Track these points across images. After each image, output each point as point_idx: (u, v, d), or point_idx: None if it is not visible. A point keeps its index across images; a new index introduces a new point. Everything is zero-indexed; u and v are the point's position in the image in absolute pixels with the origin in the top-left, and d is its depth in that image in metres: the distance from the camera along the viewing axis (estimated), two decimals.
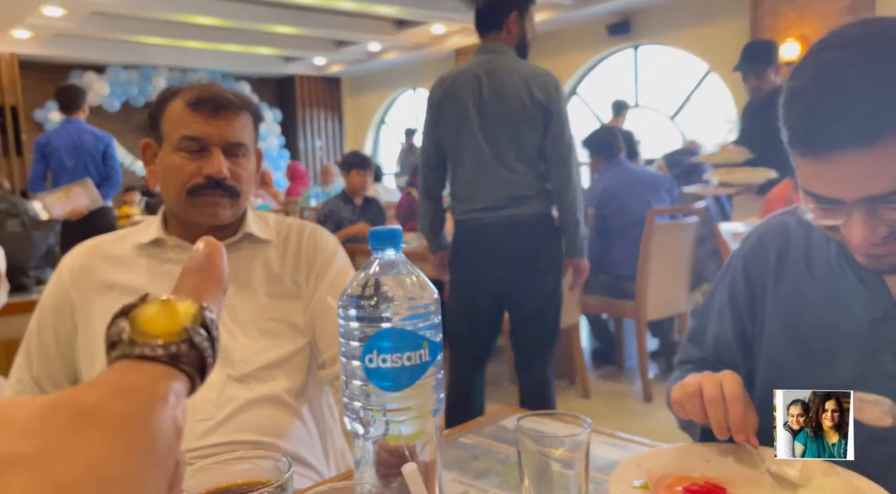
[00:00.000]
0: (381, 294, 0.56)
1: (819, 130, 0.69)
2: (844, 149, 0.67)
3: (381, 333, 0.55)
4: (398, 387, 0.55)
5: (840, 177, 0.69)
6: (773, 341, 0.89)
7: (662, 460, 0.75)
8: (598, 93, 7.88)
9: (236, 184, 1.04)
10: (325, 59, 9.46)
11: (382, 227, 0.58)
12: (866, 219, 0.70)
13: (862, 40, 0.69)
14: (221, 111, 1.02)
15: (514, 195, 2.11)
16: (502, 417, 0.99)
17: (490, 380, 3.55)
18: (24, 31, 6.96)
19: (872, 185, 0.68)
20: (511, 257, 2.14)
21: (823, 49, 0.71)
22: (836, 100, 0.68)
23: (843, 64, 0.68)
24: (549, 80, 2.10)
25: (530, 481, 0.66)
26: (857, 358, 0.80)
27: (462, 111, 2.12)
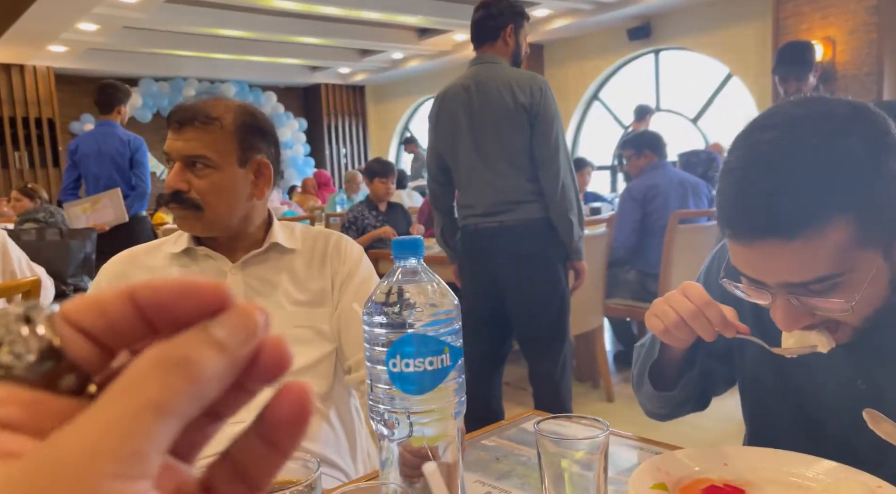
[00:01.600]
0: (403, 301, 0.59)
1: (741, 217, 0.69)
2: (764, 238, 0.67)
3: (404, 339, 0.58)
4: (421, 391, 0.58)
5: (761, 263, 0.70)
6: (758, 365, 0.89)
7: (681, 462, 0.77)
8: (620, 98, 7.85)
9: (197, 198, 1.04)
10: (350, 67, 9.58)
11: (405, 237, 0.61)
12: (787, 305, 0.70)
13: (796, 125, 0.67)
14: (185, 125, 1.04)
15: (505, 200, 2.15)
16: (524, 420, 1.01)
17: (510, 383, 3.56)
18: (59, 46, 7.19)
19: (792, 274, 0.68)
20: (505, 262, 2.18)
21: (760, 128, 0.70)
22: (760, 190, 0.67)
23: (771, 148, 0.67)
24: (533, 82, 2.13)
25: (550, 483, 0.68)
26: (836, 383, 0.81)
27: (454, 122, 2.19)
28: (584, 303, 3.07)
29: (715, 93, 7.03)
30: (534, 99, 2.10)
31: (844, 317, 0.71)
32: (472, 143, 2.17)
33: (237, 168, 1.07)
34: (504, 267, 2.19)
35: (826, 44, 5.59)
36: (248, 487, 0.23)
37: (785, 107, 0.71)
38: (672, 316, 0.77)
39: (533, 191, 2.14)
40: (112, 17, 6.24)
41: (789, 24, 5.86)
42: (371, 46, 8.39)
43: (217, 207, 1.06)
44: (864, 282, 0.67)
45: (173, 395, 0.18)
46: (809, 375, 0.83)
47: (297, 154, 10.08)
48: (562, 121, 2.18)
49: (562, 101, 8.18)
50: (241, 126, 1.07)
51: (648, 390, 0.90)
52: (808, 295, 0.68)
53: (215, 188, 1.05)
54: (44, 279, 1.80)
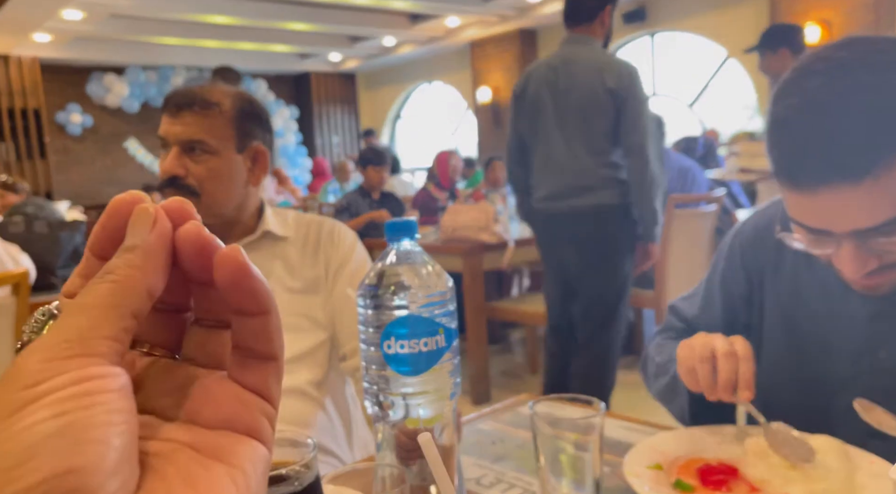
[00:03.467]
0: (397, 282, 0.58)
1: (804, 166, 0.67)
2: (830, 184, 0.66)
3: (398, 320, 0.57)
4: (416, 372, 0.57)
5: (828, 211, 0.68)
6: (772, 333, 0.89)
7: (676, 442, 0.77)
8: None
9: (194, 184, 1.03)
10: (341, 54, 9.50)
11: (398, 219, 0.61)
12: (856, 251, 0.69)
13: (844, 66, 0.66)
14: (183, 109, 1.03)
15: (578, 184, 2.18)
16: (519, 404, 1.01)
17: (508, 372, 3.58)
18: (44, 35, 7.08)
19: (861, 219, 0.66)
20: (572, 246, 2.26)
21: (806, 75, 0.68)
22: (820, 135, 0.66)
23: (826, 93, 0.66)
24: (624, 68, 2.14)
25: (546, 463, 0.68)
26: (854, 353, 0.80)
27: (538, 102, 2.21)
28: None
29: (712, 76, 7.01)
30: (623, 84, 2.11)
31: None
32: (554, 125, 2.19)
33: (235, 154, 1.06)
34: (571, 251, 2.27)
35: (823, 25, 5.59)
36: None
37: (826, 51, 0.69)
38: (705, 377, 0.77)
39: (608, 176, 2.17)
40: (98, 5, 6.15)
41: (785, 6, 5.84)
42: (362, 32, 8.31)
43: (214, 193, 1.05)
44: None
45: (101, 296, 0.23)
46: (823, 347, 0.83)
47: (288, 143, 10.01)
48: (650, 109, 2.20)
49: None
50: (240, 112, 1.06)
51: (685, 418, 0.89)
52: (879, 237, 0.67)
53: (213, 174, 1.04)
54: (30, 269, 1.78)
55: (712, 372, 0.75)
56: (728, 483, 0.67)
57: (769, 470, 0.68)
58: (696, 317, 0.97)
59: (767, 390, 0.92)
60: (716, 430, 0.80)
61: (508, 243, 3.04)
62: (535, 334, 3.57)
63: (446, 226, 3.12)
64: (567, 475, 0.67)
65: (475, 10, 7.38)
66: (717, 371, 0.75)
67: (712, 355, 0.75)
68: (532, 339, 3.57)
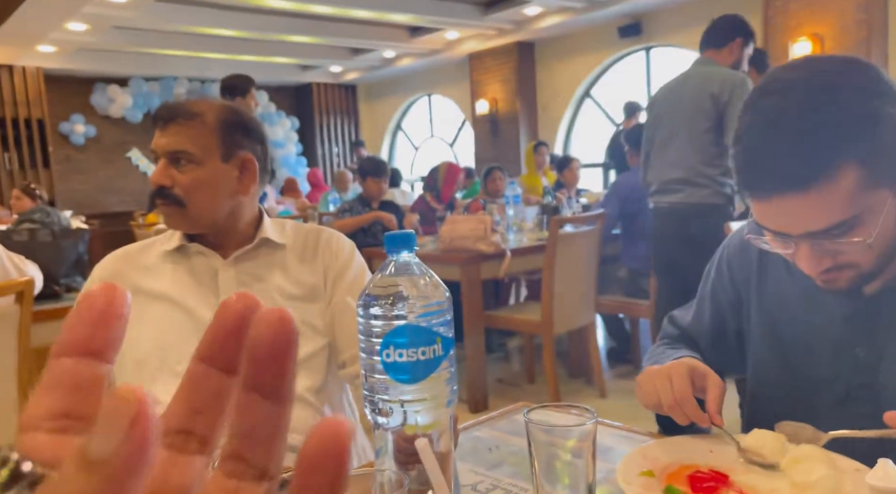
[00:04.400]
0: (396, 293, 0.60)
1: (756, 178, 0.75)
2: (781, 193, 0.73)
3: (397, 330, 0.59)
4: (414, 380, 0.59)
5: (782, 216, 0.75)
6: (758, 339, 0.94)
7: (667, 450, 0.79)
8: (611, 95, 7.88)
9: (180, 194, 1.05)
10: (341, 66, 9.57)
11: (397, 232, 0.63)
12: (810, 251, 0.76)
13: (796, 87, 0.73)
14: (169, 122, 1.06)
15: (679, 178, 2.41)
16: (514, 412, 1.03)
17: (505, 380, 3.59)
18: (48, 46, 7.14)
19: (811, 223, 0.73)
20: (671, 242, 2.51)
21: (763, 94, 0.76)
22: (769, 149, 0.73)
23: (776, 112, 0.73)
24: (732, 78, 2.40)
25: (541, 470, 0.70)
26: (833, 352, 0.84)
27: (660, 109, 2.54)
28: (577, 300, 3.10)
29: None
30: (724, 89, 2.36)
31: (863, 256, 0.76)
32: (667, 127, 2.48)
33: (220, 163, 1.08)
34: (670, 247, 2.49)
35: (815, 40, 5.64)
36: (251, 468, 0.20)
37: (783, 71, 0.77)
38: (654, 402, 0.84)
39: (708, 175, 2.39)
40: (102, 17, 6.21)
41: (778, 22, 5.90)
42: (362, 45, 8.38)
43: (199, 203, 1.07)
44: (879, 219, 0.73)
45: None
46: (807, 348, 0.87)
47: (289, 153, 10.06)
48: None
49: (553, 99, 8.21)
50: (224, 122, 1.09)
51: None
52: (829, 239, 0.74)
53: (197, 183, 1.06)
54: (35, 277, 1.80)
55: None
56: (718, 489, 0.69)
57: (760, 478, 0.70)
58: (689, 325, 1.02)
59: (757, 391, 0.95)
60: (707, 438, 0.81)
61: (506, 253, 3.06)
62: (532, 343, 3.58)
63: (444, 235, 3.15)
64: (561, 481, 0.69)
65: (474, 24, 7.46)
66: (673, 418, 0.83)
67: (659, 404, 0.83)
68: (529, 348, 3.59)
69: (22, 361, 1.59)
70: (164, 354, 1.04)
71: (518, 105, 8.22)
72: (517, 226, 3.72)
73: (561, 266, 2.92)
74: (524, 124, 8.30)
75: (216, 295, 1.09)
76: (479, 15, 7.34)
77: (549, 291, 2.92)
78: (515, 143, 8.34)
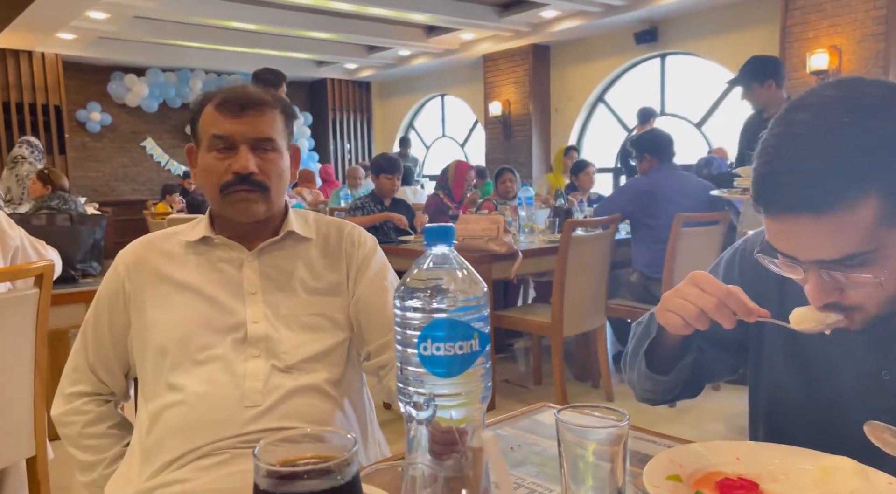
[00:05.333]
0: (435, 286, 0.60)
1: (772, 192, 0.71)
2: (796, 213, 0.69)
3: (435, 323, 0.59)
4: (450, 374, 0.59)
5: (792, 237, 0.71)
6: (775, 351, 0.90)
7: (694, 455, 0.78)
8: (625, 101, 7.86)
9: (265, 180, 1.07)
10: (356, 63, 9.59)
11: (436, 225, 0.63)
12: (818, 280, 0.72)
13: (829, 105, 0.69)
14: (247, 109, 1.06)
15: None
16: (535, 412, 1.02)
17: (512, 381, 3.59)
18: (68, 34, 7.19)
19: (822, 251, 0.69)
20: None
21: (796, 108, 0.72)
22: (790, 165, 0.69)
23: (805, 128, 0.69)
24: None
25: (569, 471, 0.70)
26: (858, 373, 0.82)
27: None
28: (587, 303, 3.09)
29: (720, 98, 7.04)
30: None
31: (871, 296, 0.72)
32: None
33: (286, 152, 1.13)
34: None
35: (832, 52, 5.61)
36: None
37: (821, 88, 0.72)
38: (691, 310, 0.78)
39: None
40: (122, 7, 6.24)
41: (796, 32, 5.88)
42: (378, 43, 8.40)
43: (278, 189, 1.10)
44: (893, 260, 0.69)
45: None
46: (830, 367, 0.84)
47: (302, 148, 10.08)
48: None
49: (566, 103, 8.21)
50: (286, 112, 1.13)
51: (642, 369, 0.92)
52: (839, 270, 0.70)
53: (278, 171, 1.09)
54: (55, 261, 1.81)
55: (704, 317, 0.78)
56: None
57: (791, 488, 0.70)
58: None
59: (775, 409, 0.93)
60: (734, 446, 0.81)
61: (518, 254, 3.06)
62: (539, 344, 3.57)
63: (457, 234, 3.15)
64: (590, 483, 0.69)
65: (490, 25, 7.46)
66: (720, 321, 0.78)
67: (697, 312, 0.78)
68: (536, 349, 3.58)
69: (39, 344, 1.60)
70: (186, 343, 1.04)
71: (531, 107, 8.21)
72: (528, 228, 3.72)
73: (572, 268, 2.92)
74: (536, 127, 8.30)
75: (241, 286, 1.09)
76: (496, 16, 7.34)
77: (560, 293, 2.91)
78: (527, 146, 8.33)
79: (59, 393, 1.14)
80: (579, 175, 4.93)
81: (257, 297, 1.08)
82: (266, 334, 1.06)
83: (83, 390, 1.13)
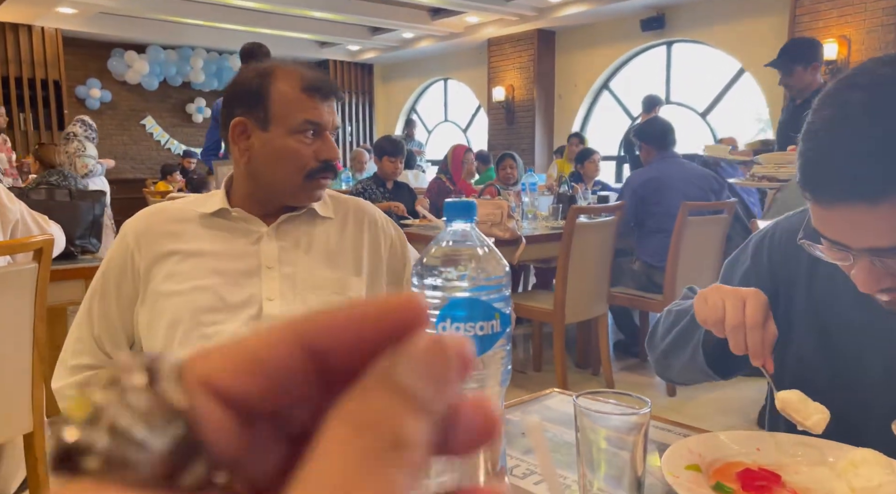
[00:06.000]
0: (456, 264, 0.57)
1: (824, 180, 0.67)
2: (847, 202, 0.65)
3: (455, 302, 0.56)
4: None
5: (843, 226, 0.68)
6: (803, 340, 0.88)
7: (713, 445, 0.76)
8: (630, 88, 7.79)
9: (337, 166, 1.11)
10: (359, 45, 9.48)
11: (457, 199, 0.60)
12: (870, 267, 0.69)
13: (885, 84, 0.65)
14: (331, 96, 1.07)
15: None
16: (546, 397, 1.00)
17: (513, 367, 3.58)
18: (68, 8, 7.09)
19: (877, 239, 0.66)
20: None
21: (848, 87, 0.67)
22: (844, 150, 0.65)
23: (860, 109, 0.64)
24: None
25: (585, 459, 0.67)
26: (888, 366, 0.80)
27: None
28: (589, 291, 3.07)
29: (726, 88, 6.98)
30: None
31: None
32: None
33: None
34: None
35: (841, 42, 5.55)
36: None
37: (873, 64, 0.68)
38: (716, 318, 0.77)
39: None
40: None
41: (805, 21, 5.81)
42: (382, 24, 8.30)
43: None
44: None
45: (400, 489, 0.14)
46: (858, 360, 0.83)
47: None
48: None
49: (570, 89, 8.13)
50: None
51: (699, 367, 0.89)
52: (892, 257, 0.67)
53: None
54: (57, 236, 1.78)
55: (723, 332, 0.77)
56: (770, 489, 0.67)
57: (814, 480, 0.68)
58: None
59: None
60: (755, 436, 0.79)
61: (521, 240, 3.03)
62: (540, 331, 3.56)
63: None
64: (607, 471, 0.67)
65: (496, 9, 7.36)
66: (729, 341, 0.77)
67: (722, 319, 0.77)
68: (538, 336, 3.57)
69: (38, 319, 1.57)
70: (196, 317, 1.02)
71: (535, 93, 8.14)
72: (532, 214, 3.69)
73: (576, 255, 2.89)
74: (540, 113, 8.23)
75: (257, 260, 1.07)
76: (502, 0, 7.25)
77: (563, 280, 2.89)
78: (530, 132, 8.27)
79: (61, 364, 1.11)
80: (584, 163, 4.89)
81: (274, 272, 1.07)
82: (281, 313, 1.04)
83: (86, 362, 1.10)
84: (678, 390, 3.12)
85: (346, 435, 0.14)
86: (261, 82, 1.05)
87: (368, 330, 0.16)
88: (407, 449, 0.14)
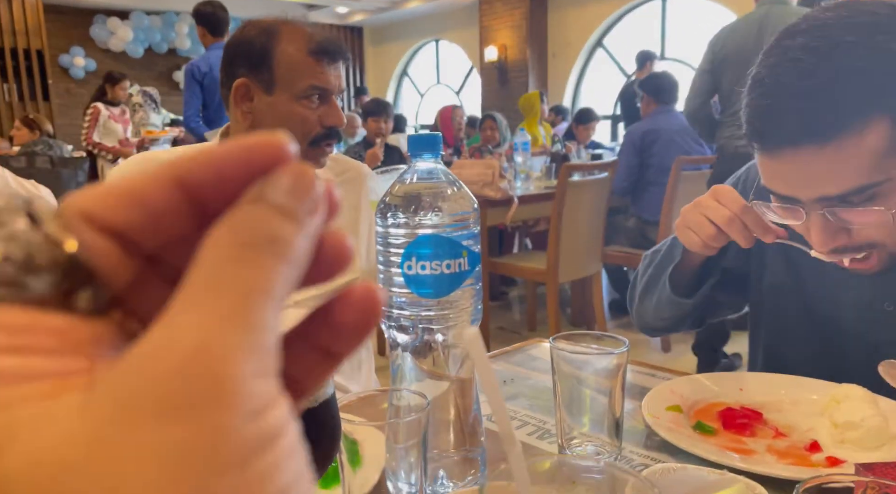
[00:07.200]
0: (420, 200, 0.55)
1: (772, 125, 0.65)
2: (797, 146, 0.63)
3: (420, 240, 0.54)
4: (437, 295, 0.54)
5: (792, 174, 0.66)
6: (780, 291, 0.87)
7: (695, 386, 0.75)
8: (624, 46, 7.64)
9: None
10: (347, 7, 9.26)
11: (421, 133, 0.57)
12: (823, 222, 0.66)
13: (827, 26, 0.63)
14: (337, 59, 1.03)
15: None
16: (530, 347, 0.99)
17: (507, 328, 3.59)
18: None
19: (827, 185, 0.64)
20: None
21: (790, 35, 0.65)
22: (789, 93, 0.63)
23: (803, 52, 0.63)
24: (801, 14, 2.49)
25: (564, 402, 0.66)
26: (861, 306, 0.79)
27: (743, 55, 2.48)
28: (583, 249, 3.05)
29: None
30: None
31: (883, 234, 0.67)
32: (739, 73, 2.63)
33: None
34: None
35: None
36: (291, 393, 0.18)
37: (815, 12, 0.66)
38: (709, 229, 0.74)
39: None
40: None
41: None
42: None
43: None
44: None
45: (275, 279, 0.15)
46: (833, 300, 0.82)
47: None
48: None
49: (564, 48, 7.97)
50: None
51: (664, 295, 0.87)
52: (844, 207, 0.65)
53: None
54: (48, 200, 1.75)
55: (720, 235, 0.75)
56: (752, 427, 0.65)
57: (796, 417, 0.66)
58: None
59: (775, 344, 0.91)
60: (737, 376, 0.77)
61: (513, 199, 3.00)
62: (535, 292, 3.56)
63: None
64: (586, 414, 0.65)
65: None
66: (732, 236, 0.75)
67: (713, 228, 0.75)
68: (532, 297, 3.57)
69: None
70: None
71: (528, 53, 7.98)
72: (525, 174, 3.65)
73: (569, 214, 2.86)
74: (533, 73, 8.09)
75: None
76: None
77: (556, 239, 2.87)
78: (524, 92, 8.12)
79: None
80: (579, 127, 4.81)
81: None
82: None
83: None
84: (672, 345, 3.13)
85: (223, 234, 0.15)
86: (266, 41, 1.00)
87: (238, 164, 0.16)
88: (282, 243, 0.15)
